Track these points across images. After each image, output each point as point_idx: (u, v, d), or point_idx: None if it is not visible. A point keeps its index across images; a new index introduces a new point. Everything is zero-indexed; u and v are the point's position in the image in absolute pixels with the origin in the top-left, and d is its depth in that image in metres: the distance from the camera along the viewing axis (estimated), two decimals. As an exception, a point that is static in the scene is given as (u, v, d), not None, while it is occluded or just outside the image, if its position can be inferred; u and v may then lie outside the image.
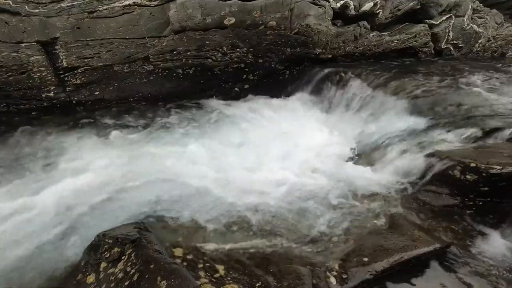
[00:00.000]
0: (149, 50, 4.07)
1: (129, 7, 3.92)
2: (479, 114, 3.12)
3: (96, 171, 2.90)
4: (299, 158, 3.30)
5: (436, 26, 5.16)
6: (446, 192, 2.50)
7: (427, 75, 4.05)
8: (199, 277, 1.70)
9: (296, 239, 2.19)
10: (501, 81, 3.93)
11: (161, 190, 2.69)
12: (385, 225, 2.32)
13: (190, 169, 3.02)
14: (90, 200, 2.54)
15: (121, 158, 3.13)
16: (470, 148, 2.78)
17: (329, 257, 1.99)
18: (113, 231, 1.97)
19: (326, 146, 3.53)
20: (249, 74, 4.62)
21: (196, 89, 4.51)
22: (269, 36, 4.26)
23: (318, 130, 3.89)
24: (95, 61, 3.98)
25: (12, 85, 3.74)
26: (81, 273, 1.85)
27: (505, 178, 2.21)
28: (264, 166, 3.14)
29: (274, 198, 2.65)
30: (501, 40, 5.89)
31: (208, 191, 2.70)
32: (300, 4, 4.17)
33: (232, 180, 2.86)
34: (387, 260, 1.93)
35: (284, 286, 1.74)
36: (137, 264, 1.70)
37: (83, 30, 3.84)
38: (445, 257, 2.05)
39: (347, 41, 4.68)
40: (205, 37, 4.09)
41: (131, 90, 4.30)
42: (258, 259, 1.98)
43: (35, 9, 3.66)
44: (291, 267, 1.88)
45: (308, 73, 4.62)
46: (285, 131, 3.83)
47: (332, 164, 3.19)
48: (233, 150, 3.46)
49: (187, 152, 3.32)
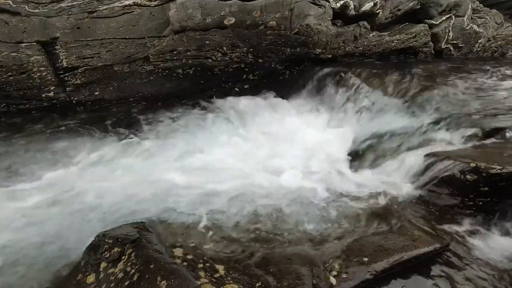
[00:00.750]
0: (149, 50, 4.07)
1: (129, 7, 3.92)
2: (479, 114, 3.12)
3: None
4: (299, 157, 3.31)
5: (436, 26, 5.16)
6: (446, 192, 2.50)
7: (427, 75, 4.05)
8: (199, 277, 1.70)
9: (296, 239, 2.19)
10: (501, 81, 3.93)
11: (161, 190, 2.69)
12: (385, 225, 2.32)
13: (187, 168, 3.03)
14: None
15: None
16: (470, 148, 2.78)
17: (329, 257, 1.99)
18: (113, 231, 1.97)
19: (326, 146, 3.54)
20: (249, 74, 4.62)
21: (196, 89, 4.51)
22: (269, 36, 4.26)
23: (318, 130, 3.90)
24: (95, 61, 3.98)
25: (12, 85, 3.74)
26: (81, 273, 1.84)
27: (505, 178, 2.21)
28: (263, 166, 3.14)
29: (273, 198, 2.65)
30: (501, 40, 5.89)
31: (207, 191, 2.70)
32: (300, 4, 4.17)
33: (231, 180, 2.86)
34: (387, 260, 1.93)
35: (284, 286, 1.74)
36: (137, 264, 1.70)
37: (83, 30, 3.84)
38: (445, 257, 2.05)
39: (347, 41, 4.68)
40: (205, 37, 4.09)
41: (131, 90, 4.30)
42: (258, 259, 1.98)
43: (35, 9, 3.66)
44: (291, 267, 1.88)
45: (308, 73, 4.62)
46: (285, 130, 3.83)
47: (332, 164, 3.19)
48: (231, 150, 3.46)
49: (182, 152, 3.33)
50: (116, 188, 2.71)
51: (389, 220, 2.37)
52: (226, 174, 2.95)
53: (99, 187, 2.74)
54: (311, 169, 3.09)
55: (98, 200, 2.58)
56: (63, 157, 3.25)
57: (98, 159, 3.25)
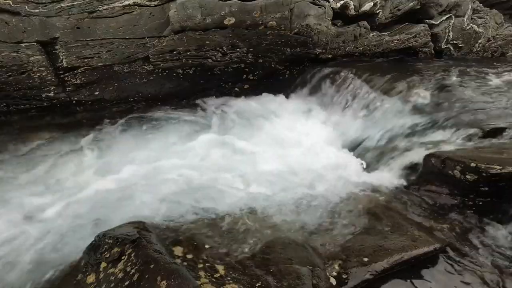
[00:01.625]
0: (149, 50, 4.07)
1: (129, 7, 3.92)
2: (479, 114, 3.12)
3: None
4: (298, 157, 3.30)
5: (436, 26, 5.16)
6: (446, 192, 2.50)
7: (427, 75, 4.05)
8: (199, 277, 1.70)
9: (296, 239, 2.19)
10: (501, 81, 3.93)
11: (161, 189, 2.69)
12: (385, 225, 2.32)
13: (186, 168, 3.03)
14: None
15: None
16: (470, 148, 2.78)
17: (329, 257, 1.99)
18: (113, 231, 1.97)
19: (325, 146, 3.54)
20: (249, 74, 4.62)
21: (196, 89, 4.52)
22: (269, 36, 4.26)
23: (318, 130, 3.90)
24: (95, 61, 3.98)
25: (12, 85, 3.74)
26: (81, 273, 1.84)
27: (505, 178, 2.21)
28: (263, 166, 3.14)
29: (273, 198, 2.65)
30: (501, 40, 5.88)
31: (207, 191, 2.70)
32: (300, 4, 4.17)
33: (231, 180, 2.86)
34: (387, 260, 1.93)
35: (284, 286, 1.74)
36: (137, 264, 1.70)
37: (83, 30, 3.85)
38: (445, 257, 2.05)
39: (347, 41, 4.68)
40: (205, 37, 4.09)
41: (131, 90, 4.30)
42: (258, 259, 1.98)
43: (35, 9, 3.66)
44: (291, 267, 1.88)
45: (308, 73, 4.62)
46: (285, 130, 3.83)
47: (331, 164, 3.19)
48: (230, 150, 3.46)
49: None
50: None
51: (389, 220, 2.36)
52: (224, 174, 2.95)
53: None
54: (311, 169, 3.09)
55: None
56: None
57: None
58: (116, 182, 2.81)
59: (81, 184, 2.88)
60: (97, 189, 2.72)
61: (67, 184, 2.96)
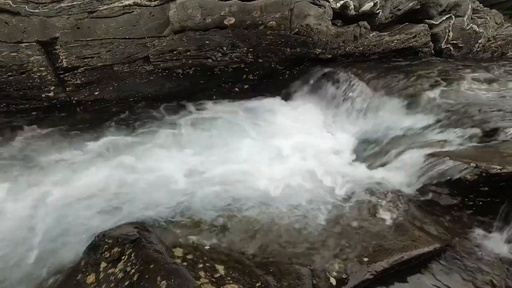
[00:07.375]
0: (149, 50, 4.06)
1: (129, 7, 3.92)
2: (479, 114, 3.12)
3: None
4: (299, 157, 3.30)
5: (436, 26, 5.16)
6: (446, 192, 2.50)
7: (427, 75, 4.04)
8: (199, 277, 1.70)
9: (296, 239, 2.19)
10: (501, 81, 3.92)
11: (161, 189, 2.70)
12: (385, 225, 2.32)
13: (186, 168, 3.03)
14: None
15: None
16: (470, 148, 2.78)
17: (329, 257, 1.99)
18: (113, 231, 1.97)
19: (325, 146, 3.54)
20: (249, 74, 4.62)
21: (196, 89, 4.51)
22: (269, 36, 4.26)
23: (318, 130, 3.90)
24: (95, 61, 3.98)
25: (12, 85, 3.74)
26: (81, 273, 1.85)
27: (505, 178, 2.21)
28: (263, 166, 3.14)
29: (273, 198, 2.65)
30: (501, 40, 5.88)
31: (206, 191, 2.70)
32: (300, 4, 4.17)
33: (231, 180, 2.86)
34: (387, 260, 1.93)
35: (284, 286, 1.74)
36: (137, 264, 1.70)
37: (83, 30, 3.84)
38: (445, 257, 2.05)
39: (347, 41, 4.68)
40: (205, 37, 4.09)
41: (131, 90, 4.30)
42: (258, 259, 1.98)
43: (35, 9, 3.66)
44: (291, 267, 1.88)
45: (308, 73, 4.62)
46: (285, 130, 3.83)
47: (331, 164, 3.19)
48: (230, 149, 3.46)
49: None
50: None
51: (389, 220, 2.37)
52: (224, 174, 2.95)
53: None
54: (311, 169, 3.09)
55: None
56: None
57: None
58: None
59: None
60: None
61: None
